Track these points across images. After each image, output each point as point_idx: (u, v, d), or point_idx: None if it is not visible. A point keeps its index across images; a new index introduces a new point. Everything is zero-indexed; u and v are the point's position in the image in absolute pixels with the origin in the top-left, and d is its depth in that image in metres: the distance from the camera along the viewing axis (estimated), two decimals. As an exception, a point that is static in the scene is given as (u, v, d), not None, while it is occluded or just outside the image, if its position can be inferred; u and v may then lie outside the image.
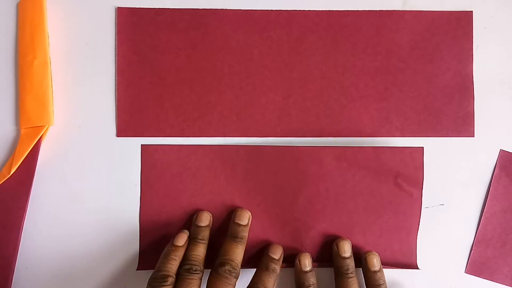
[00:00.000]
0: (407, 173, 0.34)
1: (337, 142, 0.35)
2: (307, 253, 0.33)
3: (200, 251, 0.31)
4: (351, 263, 0.32)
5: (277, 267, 0.32)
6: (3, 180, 0.33)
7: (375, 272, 0.32)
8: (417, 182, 0.34)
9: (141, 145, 0.34)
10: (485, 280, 0.34)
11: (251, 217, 0.33)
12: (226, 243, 0.32)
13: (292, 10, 0.35)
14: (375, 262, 0.32)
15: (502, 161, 0.35)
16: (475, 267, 0.34)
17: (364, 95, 0.35)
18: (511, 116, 0.35)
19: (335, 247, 0.33)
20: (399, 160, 0.34)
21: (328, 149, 0.34)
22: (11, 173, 0.33)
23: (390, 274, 0.32)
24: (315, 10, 0.35)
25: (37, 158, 0.34)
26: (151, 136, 0.35)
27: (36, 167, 0.33)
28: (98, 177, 0.34)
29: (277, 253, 0.32)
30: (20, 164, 0.33)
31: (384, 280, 0.32)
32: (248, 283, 0.31)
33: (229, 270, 0.30)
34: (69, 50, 0.35)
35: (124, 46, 0.35)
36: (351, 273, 0.32)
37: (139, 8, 0.35)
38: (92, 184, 0.34)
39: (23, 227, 0.33)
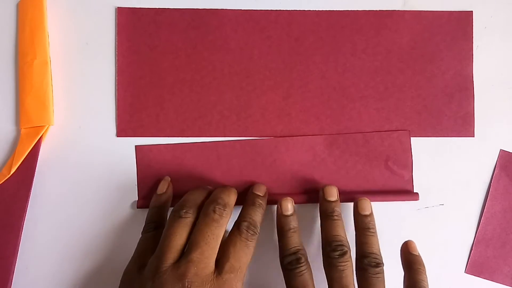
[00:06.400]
0: (396, 156, 0.34)
1: (337, 142, 0.35)
2: (289, 198, 0.32)
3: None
4: (336, 207, 0.32)
5: (263, 202, 0.32)
6: (3, 180, 0.33)
7: (366, 216, 0.32)
8: (407, 164, 0.34)
9: (135, 146, 0.34)
10: (485, 280, 0.34)
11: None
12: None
13: (292, 10, 0.35)
14: (366, 206, 0.32)
15: (502, 161, 0.35)
16: (475, 267, 0.34)
17: (364, 95, 0.35)
18: (511, 116, 0.35)
19: (321, 192, 0.33)
20: (387, 145, 0.34)
21: (320, 137, 0.34)
22: (11, 173, 0.33)
23: (391, 271, 0.32)
24: (315, 10, 0.35)
25: (37, 158, 0.34)
26: (151, 136, 0.35)
27: (36, 167, 0.33)
28: (98, 177, 0.34)
29: (261, 190, 0.33)
30: (20, 164, 0.33)
31: (374, 226, 0.31)
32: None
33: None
34: (69, 50, 0.35)
35: (124, 46, 0.35)
36: (336, 215, 0.31)
37: (139, 8, 0.35)
38: (92, 184, 0.34)
39: (23, 227, 0.33)
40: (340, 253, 0.30)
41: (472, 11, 0.35)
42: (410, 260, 0.32)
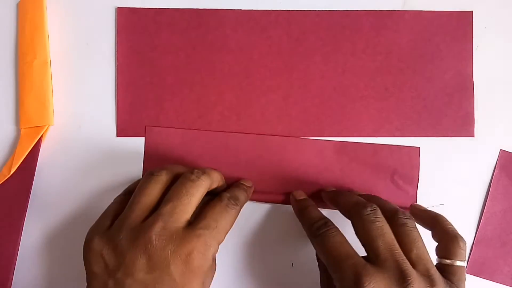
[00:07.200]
0: (403, 171, 0.34)
1: (337, 142, 0.35)
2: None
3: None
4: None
5: (247, 189, 0.32)
6: (3, 180, 0.33)
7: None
8: (413, 180, 0.34)
9: (146, 126, 0.34)
10: (485, 280, 0.34)
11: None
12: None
13: (292, 10, 0.35)
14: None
15: (502, 161, 0.35)
16: (475, 267, 0.34)
17: (364, 95, 0.35)
18: (511, 116, 0.35)
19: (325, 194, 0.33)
20: (396, 158, 0.34)
21: (330, 142, 0.34)
22: (11, 173, 0.33)
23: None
24: (315, 10, 0.35)
25: (37, 158, 0.34)
26: (151, 136, 0.35)
27: (36, 167, 0.33)
28: (98, 177, 0.34)
29: (248, 183, 0.33)
30: (20, 164, 0.33)
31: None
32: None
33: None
34: (69, 50, 0.35)
35: (124, 46, 0.35)
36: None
37: (139, 8, 0.35)
38: (92, 184, 0.34)
39: (23, 227, 0.33)
40: (371, 208, 0.28)
41: (472, 11, 0.35)
42: (429, 215, 0.31)
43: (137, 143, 0.35)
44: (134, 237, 0.26)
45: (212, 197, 0.30)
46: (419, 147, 0.35)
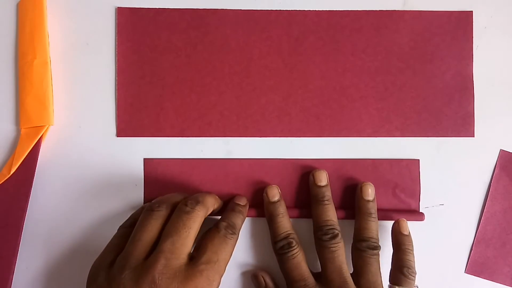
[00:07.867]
0: (404, 185, 0.34)
1: (337, 142, 0.35)
2: (275, 185, 0.33)
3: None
4: (327, 191, 0.33)
5: (243, 210, 0.32)
6: (3, 180, 0.33)
7: (368, 201, 0.32)
8: (414, 193, 0.34)
9: (144, 159, 0.34)
10: (485, 280, 0.34)
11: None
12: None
13: (292, 10, 0.35)
14: (370, 191, 0.33)
15: (502, 161, 0.35)
16: (475, 267, 0.34)
17: (364, 95, 0.35)
18: (511, 116, 0.35)
19: (311, 177, 0.33)
20: (396, 172, 0.34)
21: (329, 161, 0.34)
22: (11, 173, 0.33)
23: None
24: (315, 10, 0.35)
25: (37, 158, 0.34)
26: (151, 136, 0.35)
27: (36, 167, 0.33)
28: (98, 177, 0.34)
29: (242, 201, 0.33)
30: (20, 164, 0.33)
31: (376, 211, 0.32)
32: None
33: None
34: (69, 50, 0.35)
35: (124, 46, 0.35)
36: (327, 200, 0.32)
37: (139, 8, 0.35)
38: (92, 184, 0.34)
39: (23, 227, 0.33)
40: (331, 236, 0.31)
41: (472, 11, 0.35)
42: (400, 240, 0.32)
43: (137, 143, 0.35)
44: (137, 276, 0.26)
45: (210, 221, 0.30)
46: (419, 160, 0.35)
